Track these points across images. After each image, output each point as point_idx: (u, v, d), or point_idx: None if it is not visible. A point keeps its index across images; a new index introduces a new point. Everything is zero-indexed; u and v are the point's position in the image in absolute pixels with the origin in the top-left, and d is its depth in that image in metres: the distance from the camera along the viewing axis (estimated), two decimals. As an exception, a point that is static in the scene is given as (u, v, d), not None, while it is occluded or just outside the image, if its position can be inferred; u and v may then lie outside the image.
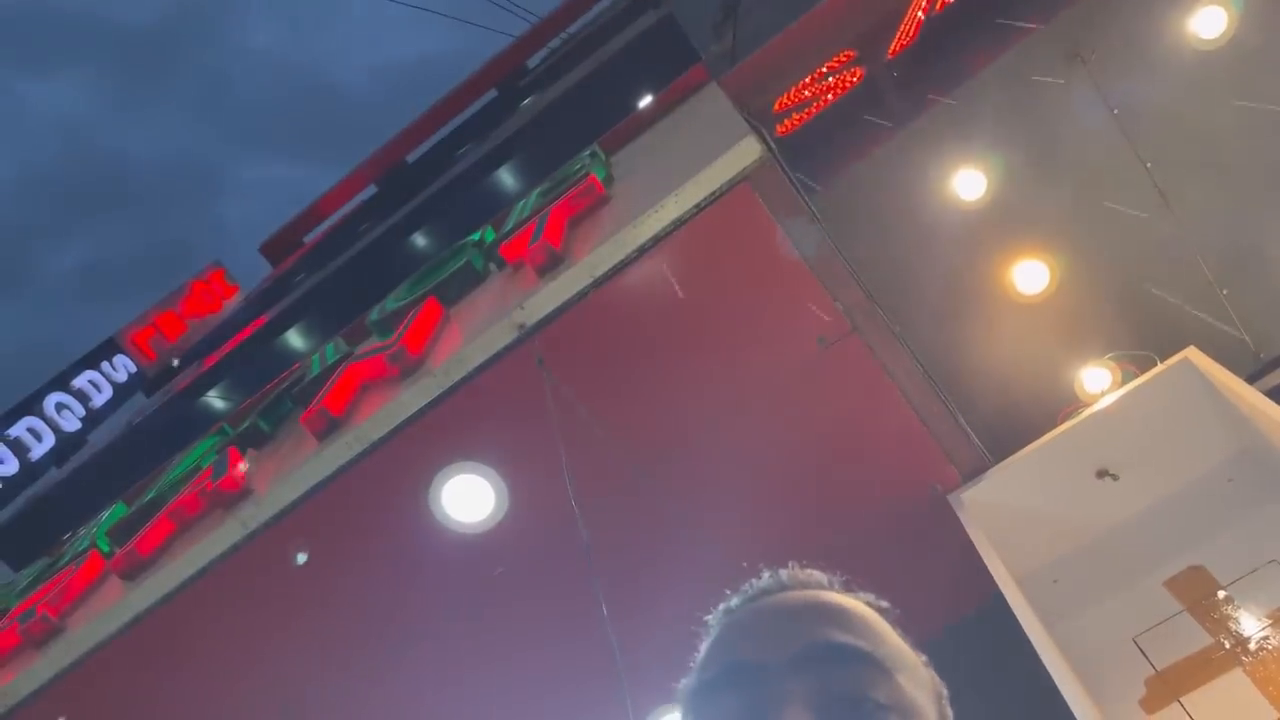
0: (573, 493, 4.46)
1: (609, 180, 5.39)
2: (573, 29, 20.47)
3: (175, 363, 16.23)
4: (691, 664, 1.11)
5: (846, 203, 5.07)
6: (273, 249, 22.29)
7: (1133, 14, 4.84)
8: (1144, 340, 4.88)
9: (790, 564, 1.15)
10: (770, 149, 4.36)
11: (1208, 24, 4.74)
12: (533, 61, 20.10)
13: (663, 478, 4.69)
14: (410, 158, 20.96)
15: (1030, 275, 5.04)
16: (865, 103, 5.12)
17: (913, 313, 4.93)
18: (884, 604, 1.12)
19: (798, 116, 5.36)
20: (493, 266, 5.55)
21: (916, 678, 1.04)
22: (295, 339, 15.25)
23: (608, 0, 19.98)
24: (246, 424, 5.68)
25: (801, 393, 4.63)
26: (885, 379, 4.59)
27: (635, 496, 4.71)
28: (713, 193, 4.32)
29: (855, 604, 1.09)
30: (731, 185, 4.31)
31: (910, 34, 5.17)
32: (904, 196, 5.09)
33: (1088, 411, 4.61)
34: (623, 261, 4.43)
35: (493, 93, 20.11)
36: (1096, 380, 5.04)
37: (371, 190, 21.19)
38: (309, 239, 21.42)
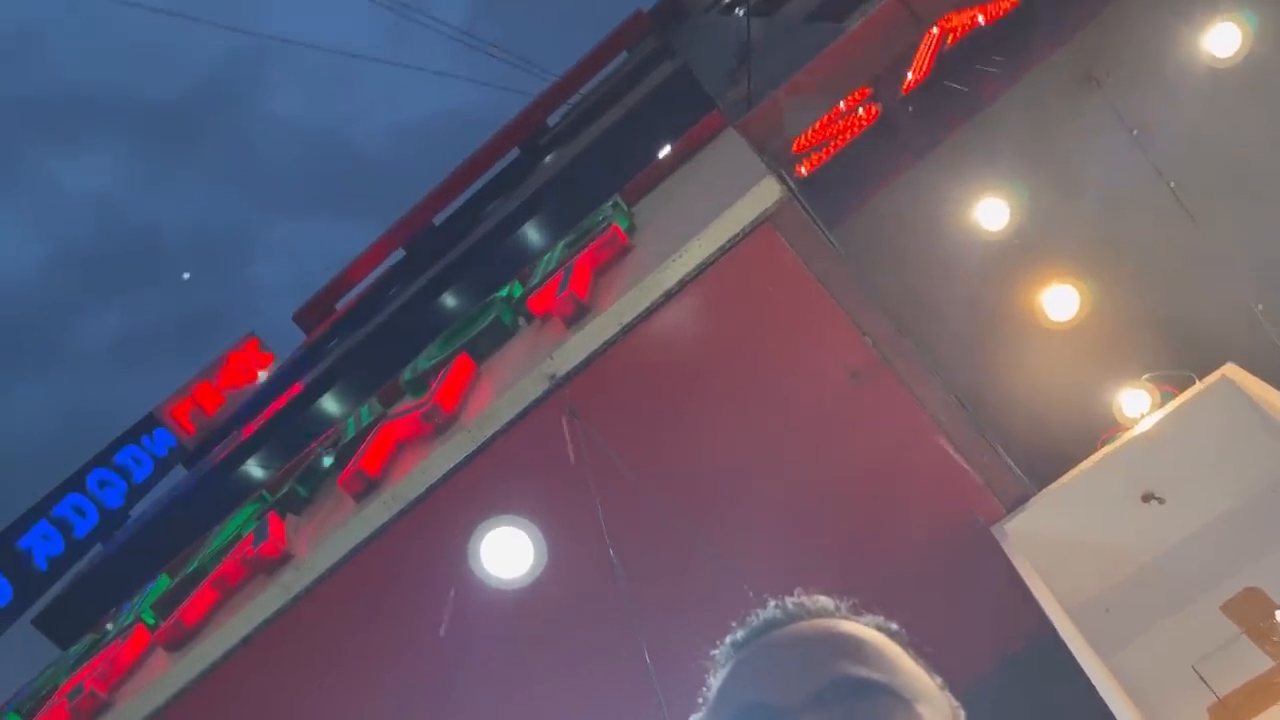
0: (610, 540, 4.45)
1: (632, 229, 5.44)
2: (591, 84, 20.77)
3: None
4: (701, 700, 1.07)
5: (871, 237, 5.08)
6: (305, 317, 22.57)
7: (1145, 35, 4.84)
8: (1181, 359, 4.82)
9: (796, 590, 1.12)
10: (790, 189, 4.38)
11: (1222, 41, 4.72)
12: (553, 119, 20.39)
13: (700, 521, 4.66)
14: (436, 220, 21.24)
15: (1060, 300, 5.01)
16: (883, 138, 5.14)
17: (944, 344, 4.90)
18: (894, 626, 1.08)
19: (816, 156, 5.38)
20: (521, 321, 5.59)
21: (935, 704, 1.01)
22: (330, 404, 15.38)
23: (623, 54, 20.28)
24: (285, 490, 5.72)
25: (836, 429, 4.61)
26: (919, 411, 4.55)
27: (673, 541, 4.68)
28: (735, 235, 4.34)
29: (868, 632, 1.05)
30: (754, 226, 4.33)
31: (923, 69, 5.21)
32: (928, 228, 5.08)
33: (1128, 435, 4.55)
34: (649, 308, 4.45)
35: (515, 152, 20.40)
36: (1135, 403, 4.98)
37: (400, 254, 21.45)
38: (340, 305, 21.70)
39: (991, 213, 4.97)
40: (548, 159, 17.58)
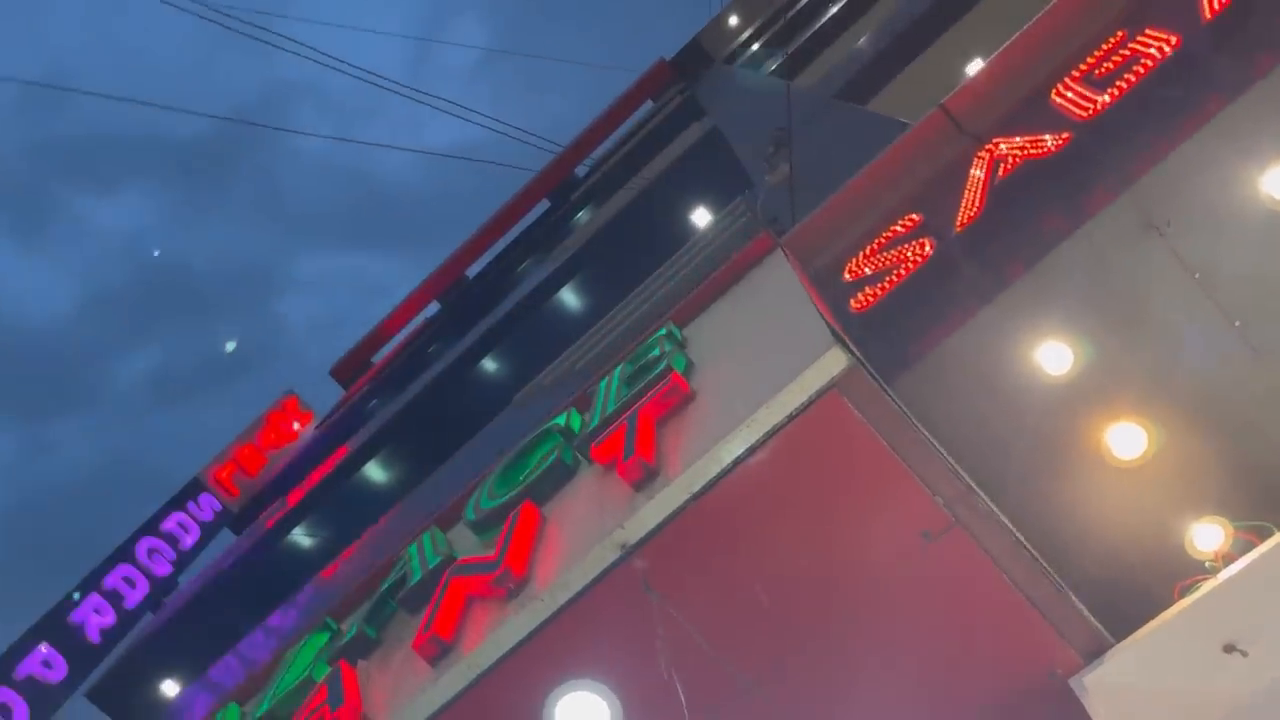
0: (688, 708, 4.46)
1: (689, 369, 5.43)
2: (617, 134, 20.83)
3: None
4: None
5: (931, 384, 5.07)
6: (342, 371, 22.72)
7: (1204, 181, 4.81)
8: (1255, 497, 4.77)
9: None
10: (857, 357, 4.38)
11: (1282, 184, 4.71)
12: (581, 170, 20.49)
13: (775, 687, 4.67)
14: (470, 272, 21.36)
15: (1126, 440, 4.97)
16: (941, 280, 5.14)
17: (1013, 492, 4.88)
18: None
19: (871, 291, 5.38)
20: (582, 460, 5.60)
21: None
22: (374, 471, 15.44)
23: (646, 108, 20.36)
24: (353, 633, 5.75)
25: (909, 589, 4.59)
26: (993, 568, 4.53)
27: (750, 706, 4.69)
28: (803, 403, 4.35)
29: None
30: (820, 394, 4.34)
31: (977, 205, 5.19)
32: (991, 373, 5.06)
33: (1208, 585, 4.50)
34: (719, 474, 4.47)
35: (545, 203, 20.52)
36: (1207, 537, 4.94)
37: (435, 307, 21.57)
38: (377, 359, 21.86)
39: (1055, 356, 4.95)
40: (580, 216, 17.65)
